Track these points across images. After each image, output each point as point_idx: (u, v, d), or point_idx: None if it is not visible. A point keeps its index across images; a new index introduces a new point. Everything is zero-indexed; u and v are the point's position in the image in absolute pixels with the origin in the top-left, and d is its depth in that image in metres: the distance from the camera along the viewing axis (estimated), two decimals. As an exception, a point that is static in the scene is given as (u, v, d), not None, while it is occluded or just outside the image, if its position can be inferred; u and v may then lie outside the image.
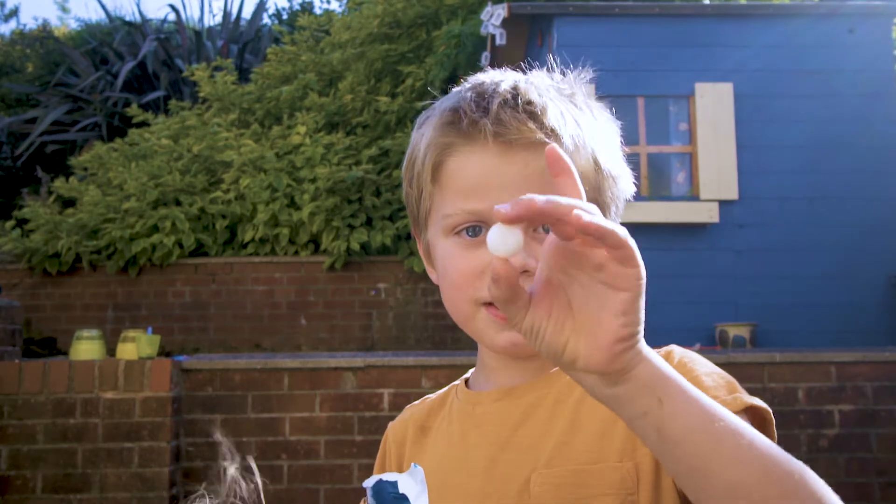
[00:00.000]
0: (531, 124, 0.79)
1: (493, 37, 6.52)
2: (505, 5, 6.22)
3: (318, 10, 13.44)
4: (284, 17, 14.29)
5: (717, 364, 0.80)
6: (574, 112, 0.84)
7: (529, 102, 0.81)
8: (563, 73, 0.89)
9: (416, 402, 1.00)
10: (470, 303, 0.83)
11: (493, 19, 6.36)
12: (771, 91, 5.77)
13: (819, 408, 3.68)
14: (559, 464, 0.79)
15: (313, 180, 7.06)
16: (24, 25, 15.91)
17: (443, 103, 0.87)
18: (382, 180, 7.26)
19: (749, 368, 3.70)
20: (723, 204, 5.63)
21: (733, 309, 5.47)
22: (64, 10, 19.94)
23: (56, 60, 12.38)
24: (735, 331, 5.26)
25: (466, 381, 0.95)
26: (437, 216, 0.86)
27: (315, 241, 7.13)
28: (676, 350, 0.81)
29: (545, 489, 0.78)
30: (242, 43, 11.80)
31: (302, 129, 7.37)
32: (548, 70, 0.90)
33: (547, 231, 0.77)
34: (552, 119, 0.80)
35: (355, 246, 6.78)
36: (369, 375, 3.77)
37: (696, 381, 0.73)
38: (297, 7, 14.38)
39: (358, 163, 7.30)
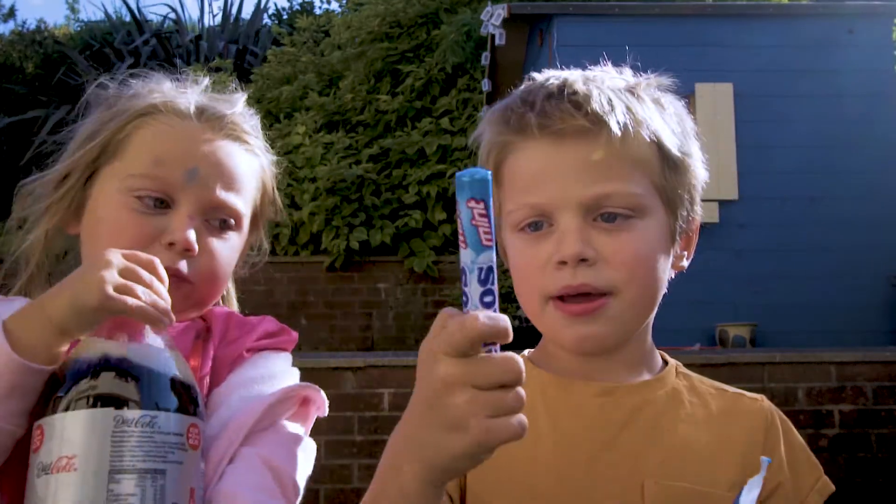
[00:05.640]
0: (575, 112, 0.81)
1: (493, 37, 6.51)
2: (505, 5, 6.22)
3: (317, 11, 13.43)
4: (284, 17, 14.28)
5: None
6: (629, 101, 0.85)
7: (574, 92, 0.82)
8: (635, 71, 0.93)
9: None
10: (538, 297, 0.84)
11: (493, 19, 6.36)
12: (771, 91, 5.77)
13: (819, 408, 3.68)
14: (671, 477, 0.80)
15: (313, 180, 7.05)
16: (24, 23, 15.89)
17: (499, 102, 0.89)
18: (382, 179, 7.25)
19: (749, 368, 3.70)
20: (723, 204, 5.63)
21: (733, 309, 5.46)
22: (73, 10, 19.81)
23: (56, 60, 12.38)
24: (735, 331, 5.26)
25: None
26: (504, 214, 0.88)
27: (315, 241, 7.12)
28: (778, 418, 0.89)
29: (661, 499, 0.79)
30: (242, 43, 11.80)
31: (301, 129, 7.36)
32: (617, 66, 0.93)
33: (606, 220, 0.80)
34: (597, 106, 0.81)
35: (354, 244, 6.77)
36: (369, 375, 3.77)
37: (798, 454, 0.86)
38: (296, 7, 14.38)
39: (358, 162, 7.29)
